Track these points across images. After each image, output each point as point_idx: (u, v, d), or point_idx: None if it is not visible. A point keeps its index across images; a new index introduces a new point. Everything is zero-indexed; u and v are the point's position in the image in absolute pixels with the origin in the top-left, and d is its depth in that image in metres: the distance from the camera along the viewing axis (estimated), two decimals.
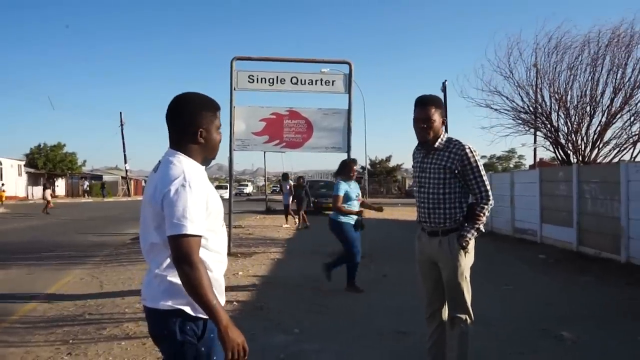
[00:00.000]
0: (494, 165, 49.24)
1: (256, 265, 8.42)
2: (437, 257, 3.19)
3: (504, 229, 13.05)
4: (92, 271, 7.93)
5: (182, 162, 1.89)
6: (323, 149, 9.83)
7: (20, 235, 13.55)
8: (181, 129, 1.95)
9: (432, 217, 3.17)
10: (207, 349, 1.86)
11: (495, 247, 11.02)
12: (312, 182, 26.32)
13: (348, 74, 9.69)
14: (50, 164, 46.91)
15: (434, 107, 3.10)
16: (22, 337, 4.54)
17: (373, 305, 5.70)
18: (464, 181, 3.12)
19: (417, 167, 3.27)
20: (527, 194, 11.95)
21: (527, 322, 5.11)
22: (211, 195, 1.90)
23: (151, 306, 1.90)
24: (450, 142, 3.15)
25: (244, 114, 9.59)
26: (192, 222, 1.76)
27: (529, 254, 9.83)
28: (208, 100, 2.00)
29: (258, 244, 11.24)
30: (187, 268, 1.73)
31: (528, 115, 12.67)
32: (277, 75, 9.63)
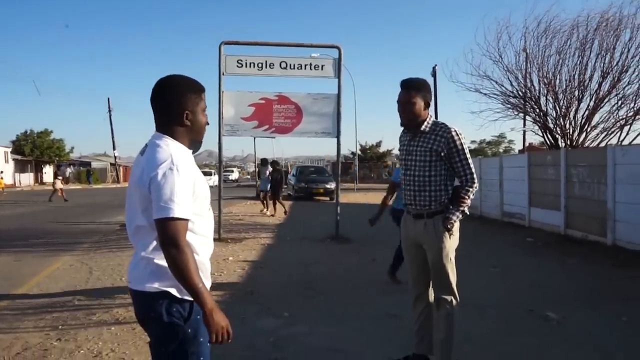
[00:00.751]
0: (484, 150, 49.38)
1: (246, 250, 8.43)
2: (422, 239, 3.22)
3: (493, 213, 13.16)
4: (81, 258, 7.90)
5: (170, 146, 1.88)
6: (313, 134, 9.81)
7: (8, 223, 13.43)
8: (167, 111, 1.93)
9: (417, 200, 3.19)
10: (193, 331, 1.87)
11: (483, 231, 11.13)
12: (303, 168, 26.29)
13: (337, 58, 9.65)
14: (38, 151, 46.44)
15: (414, 90, 3.11)
16: (10, 324, 4.52)
17: (363, 288, 5.74)
18: (449, 164, 3.14)
19: (404, 150, 3.29)
20: (515, 178, 12.04)
21: (514, 303, 5.18)
22: (198, 179, 1.90)
23: (137, 289, 1.90)
24: (436, 125, 3.17)
25: (233, 99, 9.53)
26: (179, 206, 1.76)
27: (517, 237, 9.94)
28: (193, 82, 1.99)
29: (248, 229, 11.25)
30: (173, 251, 1.74)
31: (517, 99, 12.69)
32: (265, 60, 9.56)
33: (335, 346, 3.92)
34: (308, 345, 3.95)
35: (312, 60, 10.01)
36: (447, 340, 3.22)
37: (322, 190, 21.47)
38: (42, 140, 47.10)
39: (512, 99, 12.74)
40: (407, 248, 3.38)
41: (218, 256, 7.75)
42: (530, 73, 12.35)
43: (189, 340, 1.87)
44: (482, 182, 13.87)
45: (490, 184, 13.37)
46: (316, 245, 9.04)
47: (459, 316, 3.34)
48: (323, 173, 24.88)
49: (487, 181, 13.60)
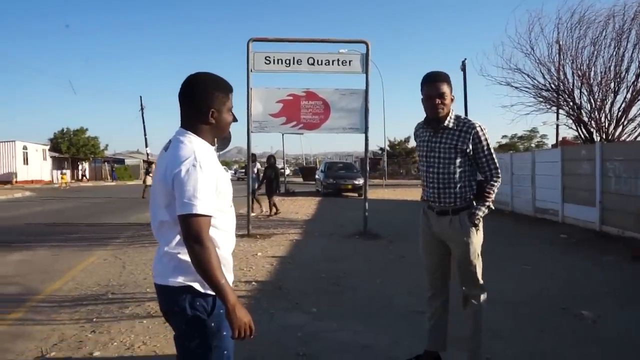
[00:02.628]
0: (515, 145, 48.35)
1: (275, 246, 8.48)
2: (448, 236, 3.17)
3: (525, 209, 12.89)
4: (115, 252, 8.08)
5: (193, 142, 1.90)
6: (340, 130, 9.78)
7: (46, 218, 13.85)
8: (193, 108, 1.95)
9: (442, 197, 3.13)
10: (216, 324, 1.89)
11: (515, 227, 10.91)
12: (331, 164, 26.25)
13: (365, 53, 9.58)
14: (74, 148, 47.77)
15: (445, 83, 3.04)
16: (47, 316, 4.67)
17: (391, 285, 5.70)
18: (473, 159, 3.09)
19: (425, 146, 3.20)
20: (548, 173, 11.76)
21: (546, 301, 5.06)
22: (221, 176, 1.91)
23: (161, 283, 1.93)
24: (459, 121, 3.10)
25: (261, 96, 9.58)
26: (202, 202, 1.78)
27: (550, 233, 9.71)
28: (221, 81, 2.00)
29: (277, 225, 11.32)
30: (196, 247, 1.76)
31: (549, 92, 12.37)
32: (293, 56, 9.57)
33: (362, 342, 3.91)
34: (335, 341, 3.94)
35: (340, 56, 9.97)
36: (477, 336, 3.18)
37: (351, 186, 21.42)
38: (78, 138, 48.42)
39: (544, 92, 12.43)
40: (426, 244, 3.32)
41: (247, 252, 7.83)
42: (564, 65, 12.02)
43: (212, 334, 1.89)
44: (513, 178, 13.62)
45: (522, 179, 13.10)
46: (344, 241, 9.02)
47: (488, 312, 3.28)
48: (351, 169, 24.83)
49: (519, 176, 13.34)
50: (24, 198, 23.74)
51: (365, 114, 9.55)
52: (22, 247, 8.67)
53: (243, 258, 7.31)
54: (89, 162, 51.58)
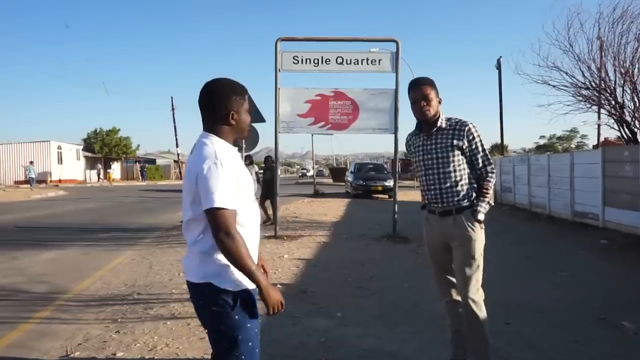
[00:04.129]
0: (554, 146, 47.04)
1: (302, 248, 8.48)
2: (452, 235, 3.16)
3: (563, 213, 12.51)
4: (143, 252, 8.23)
5: (214, 143, 2.08)
6: (370, 131, 9.72)
7: (78, 217, 14.26)
8: (213, 112, 2.13)
9: (445, 197, 3.15)
10: (240, 318, 2.04)
11: (552, 232, 10.61)
12: (361, 165, 26.13)
13: (395, 52, 9.49)
14: (107, 149, 49.00)
15: (429, 86, 3.15)
16: (74, 315, 4.78)
17: (419, 290, 5.60)
18: (468, 157, 3.16)
19: (420, 151, 3.26)
20: (588, 175, 11.38)
21: (583, 310, 4.88)
22: (241, 173, 2.07)
23: (188, 279, 2.12)
24: (451, 121, 3.19)
25: (289, 96, 9.60)
26: (223, 196, 1.94)
27: (590, 239, 9.39)
28: (237, 85, 2.18)
29: (304, 227, 11.33)
30: (225, 238, 1.92)
31: (590, 91, 11.99)
32: (322, 56, 9.56)
33: (387, 349, 3.85)
34: (359, 347, 3.90)
35: (369, 55, 9.88)
36: (482, 339, 3.14)
37: (381, 188, 21.28)
38: (111, 138, 49.65)
39: (584, 90, 12.05)
40: (432, 252, 3.32)
41: (273, 254, 7.85)
42: (605, 62, 11.62)
43: (238, 327, 2.04)
44: (551, 180, 13.25)
45: (560, 181, 12.73)
46: (373, 244, 8.95)
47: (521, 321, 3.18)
48: (381, 170, 24.64)
49: (556, 179, 12.97)
50: (57, 197, 24.49)
51: (395, 114, 9.45)
52: (54, 245, 8.93)
53: (269, 260, 7.32)
54: (120, 162, 52.82)
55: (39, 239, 9.64)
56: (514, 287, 5.72)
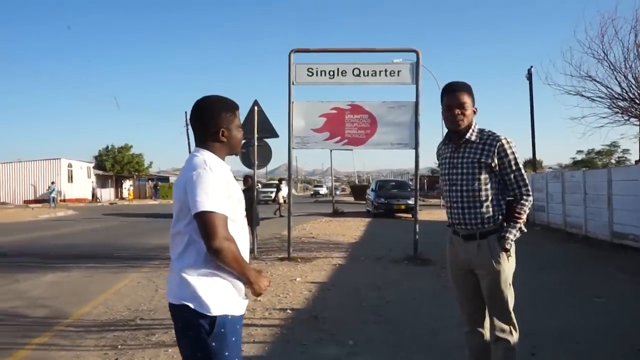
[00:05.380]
0: (593, 161, 46.13)
1: (316, 270, 8.44)
2: (476, 263, 3.03)
3: (600, 234, 12.24)
4: (150, 275, 8.30)
5: (204, 154, 2.16)
6: (388, 146, 9.71)
7: (84, 238, 14.48)
8: (204, 129, 2.22)
9: (467, 219, 3.01)
10: (218, 344, 2.02)
11: (588, 255, 10.38)
12: (383, 182, 26.06)
13: (415, 62, 9.51)
14: (118, 166, 49.87)
15: (466, 93, 3.02)
16: (73, 341, 4.82)
17: (438, 317, 5.52)
18: (500, 176, 3.00)
19: (446, 164, 3.13)
20: (628, 193, 11.13)
21: (619, 340, 4.74)
22: (230, 184, 2.14)
23: (168, 300, 2.14)
24: (483, 134, 3.03)
25: (303, 110, 9.67)
26: (213, 200, 1.98)
27: (630, 262, 9.16)
28: (227, 102, 2.27)
29: (320, 248, 11.29)
30: (218, 244, 1.95)
31: (627, 102, 11.81)
32: (337, 67, 9.63)
33: None
34: None
35: (388, 66, 9.90)
36: None
37: (404, 207, 21.13)
38: (123, 155, 50.57)
39: (620, 102, 11.90)
40: (456, 275, 3.18)
41: (285, 277, 7.84)
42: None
43: (213, 355, 2.02)
44: (587, 198, 13.00)
45: (597, 200, 12.47)
46: (392, 266, 8.87)
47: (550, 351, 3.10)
48: (405, 188, 24.51)
49: (592, 197, 12.72)
50: (66, 217, 24.93)
51: (415, 128, 9.43)
52: (57, 267, 9.07)
53: (281, 283, 7.32)
54: (133, 180, 53.63)
55: (42, 261, 9.80)
56: (542, 314, 5.59)
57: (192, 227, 2.03)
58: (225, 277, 2.05)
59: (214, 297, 2.02)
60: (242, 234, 2.18)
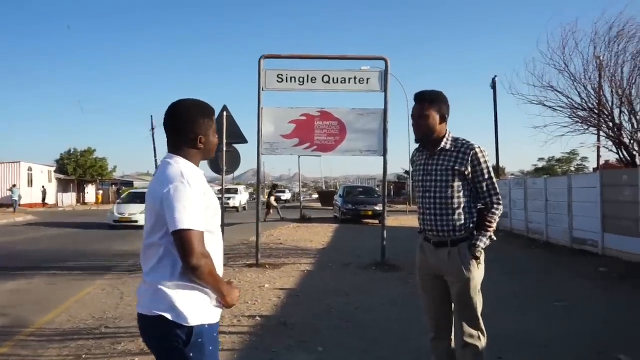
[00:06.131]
0: (554, 169, 47.53)
1: (284, 277, 8.42)
2: (446, 270, 3.09)
3: (561, 240, 12.60)
4: (115, 282, 8.13)
5: (180, 163, 2.08)
6: (357, 153, 9.76)
7: (47, 244, 14.07)
8: (181, 135, 2.14)
9: (439, 226, 3.08)
10: (196, 354, 1.99)
11: (549, 260, 10.66)
12: (350, 188, 26.19)
13: (384, 70, 9.62)
14: (81, 170, 48.63)
15: (427, 103, 3.09)
16: (34, 351, 4.68)
17: (407, 323, 5.58)
18: (472, 184, 3.08)
19: (421, 171, 3.20)
20: (587, 200, 11.51)
21: (580, 343, 4.88)
22: (209, 194, 2.08)
23: (139, 311, 2.07)
24: (457, 142, 3.11)
25: (273, 116, 9.64)
26: (192, 217, 1.93)
27: (588, 267, 9.45)
28: (205, 107, 2.20)
29: (289, 254, 11.27)
30: (197, 262, 1.91)
31: (587, 112, 12.22)
32: (307, 74, 9.63)
33: None
34: None
35: (357, 73, 9.97)
36: None
37: (371, 213, 21.28)
38: (85, 159, 49.31)
39: (580, 111, 12.30)
40: (424, 282, 3.24)
41: (253, 283, 7.79)
42: (602, 83, 11.88)
43: None
44: (548, 205, 13.36)
45: (558, 206, 12.85)
46: (360, 273, 8.92)
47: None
48: (372, 194, 24.71)
49: (553, 203, 13.09)
50: (26, 222, 24.17)
51: (384, 135, 9.52)
52: (18, 275, 8.79)
53: (249, 290, 7.27)
54: (95, 185, 52.40)
55: (1, 268, 9.47)
56: (507, 319, 5.71)
57: (167, 239, 1.98)
58: (199, 286, 2.02)
59: (191, 307, 1.99)
60: (217, 246, 2.15)
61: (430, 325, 3.30)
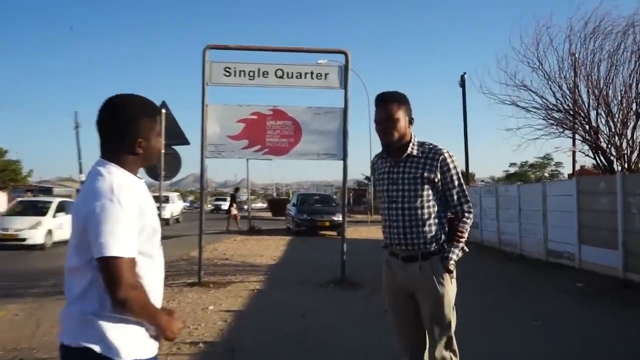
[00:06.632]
0: (526, 174, 49.20)
1: (231, 297, 8.33)
2: (417, 286, 3.16)
3: (535, 252, 12.98)
4: (31, 306, 7.84)
5: (112, 174, 1.97)
6: (314, 156, 9.79)
7: None
8: (116, 139, 2.03)
9: (408, 239, 3.14)
10: None
11: (523, 274, 10.97)
12: (305, 196, 26.24)
13: (344, 65, 9.69)
14: None
15: (396, 104, 3.13)
16: None
17: (370, 346, 5.62)
18: (441, 192, 3.16)
19: (385, 179, 3.25)
20: (562, 208, 11.89)
21: None
22: (146, 211, 1.99)
23: (62, 341, 1.98)
24: (424, 147, 3.18)
25: (219, 114, 9.55)
26: (121, 242, 1.85)
27: (565, 282, 9.77)
28: (147, 105, 2.11)
29: (236, 271, 11.17)
30: (125, 294, 1.83)
31: (562, 113, 12.67)
32: (258, 68, 9.60)
33: None
34: None
35: (314, 68, 10.04)
36: None
37: (329, 224, 21.39)
38: None
39: (555, 113, 12.73)
40: (393, 300, 3.31)
41: (196, 305, 7.67)
42: (578, 82, 12.34)
43: None
44: (522, 214, 13.76)
45: (532, 216, 13.23)
46: (317, 291, 8.93)
47: None
48: (330, 202, 24.83)
49: (527, 213, 13.47)
50: None
51: (343, 137, 9.58)
52: None
53: (191, 313, 7.16)
54: (8, 191, 50.47)
55: None
56: (479, 339, 5.82)
57: (94, 264, 1.88)
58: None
59: (123, 339, 1.92)
60: (156, 271, 2.09)
61: (399, 347, 3.35)
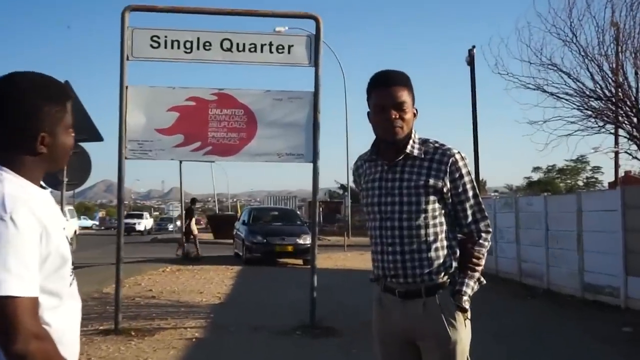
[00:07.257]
0: (554, 182, 49.38)
1: (160, 349, 8.30)
2: (420, 331, 3.15)
3: (567, 286, 13.08)
4: None
5: (4, 181, 1.92)
6: (274, 157, 9.77)
7: None
8: (9, 133, 1.98)
9: (408, 268, 3.10)
10: None
11: (552, 316, 11.11)
12: (260, 211, 26.28)
13: (314, 35, 9.70)
14: None
15: (405, 89, 3.10)
16: None
17: None
18: (451, 206, 3.16)
19: (376, 189, 3.21)
20: (603, 228, 11.99)
21: None
22: (51, 235, 1.94)
23: None
24: (427, 146, 3.16)
25: (144, 100, 9.49)
26: (17, 277, 1.79)
27: (606, 325, 9.93)
28: (52, 86, 2.07)
29: (166, 313, 11.11)
30: (19, 345, 1.77)
31: (601, 102, 12.72)
32: (198, 37, 9.55)
33: None
34: None
35: (275, 37, 10.00)
36: None
37: (292, 249, 21.37)
38: None
39: (593, 101, 12.76)
40: (387, 351, 3.30)
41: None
42: (623, 61, 12.44)
43: None
44: (549, 236, 13.84)
45: (563, 238, 13.32)
46: (278, 339, 8.93)
47: None
48: (293, 220, 24.82)
49: (556, 234, 13.55)
50: None
51: (314, 131, 9.60)
52: None
53: None
54: None
55: None
56: None
57: None
58: None
59: None
60: (69, 314, 2.06)
61: None
